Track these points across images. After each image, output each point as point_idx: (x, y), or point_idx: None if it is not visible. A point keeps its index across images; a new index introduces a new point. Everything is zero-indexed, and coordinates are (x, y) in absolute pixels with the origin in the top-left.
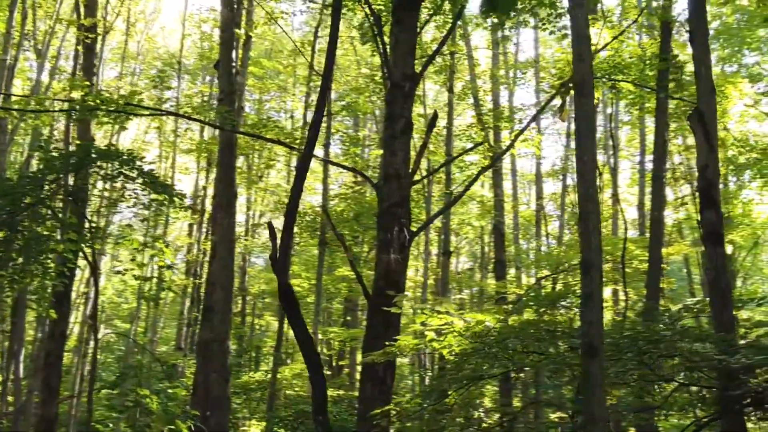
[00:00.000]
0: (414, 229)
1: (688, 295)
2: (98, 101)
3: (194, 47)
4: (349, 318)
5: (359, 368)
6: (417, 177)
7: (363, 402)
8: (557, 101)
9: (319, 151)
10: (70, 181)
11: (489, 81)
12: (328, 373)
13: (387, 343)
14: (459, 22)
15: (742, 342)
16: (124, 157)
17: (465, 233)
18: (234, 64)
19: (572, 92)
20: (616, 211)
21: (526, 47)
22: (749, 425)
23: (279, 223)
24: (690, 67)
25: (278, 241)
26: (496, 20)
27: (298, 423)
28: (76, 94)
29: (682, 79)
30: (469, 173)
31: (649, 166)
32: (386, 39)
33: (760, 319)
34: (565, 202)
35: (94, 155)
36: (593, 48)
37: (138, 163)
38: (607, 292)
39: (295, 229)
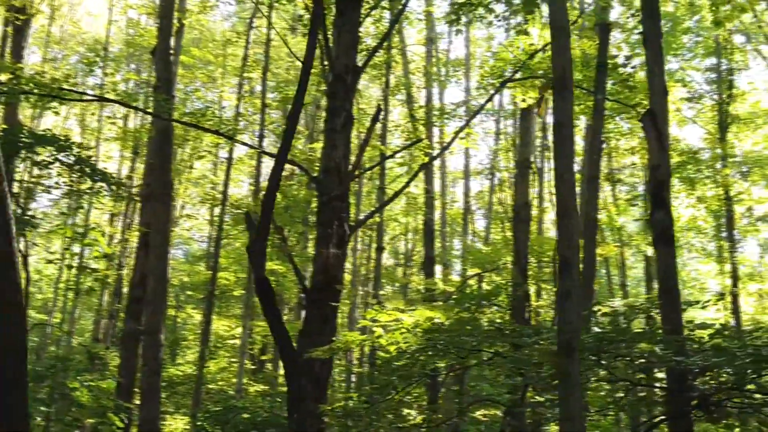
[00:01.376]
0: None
1: (608, 296)
2: (31, 84)
3: (119, 33)
4: None
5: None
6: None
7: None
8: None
9: (253, 142)
10: None
11: (423, 77)
12: (253, 367)
13: (334, 338)
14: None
15: (700, 343)
16: (62, 143)
17: (391, 229)
18: (172, 51)
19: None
20: (541, 212)
21: (455, 46)
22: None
23: (197, 213)
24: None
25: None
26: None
27: (229, 417)
28: (4, 77)
29: (631, 81)
30: (399, 171)
31: (576, 168)
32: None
33: (703, 320)
34: (492, 201)
35: (28, 140)
36: (532, 48)
37: (75, 149)
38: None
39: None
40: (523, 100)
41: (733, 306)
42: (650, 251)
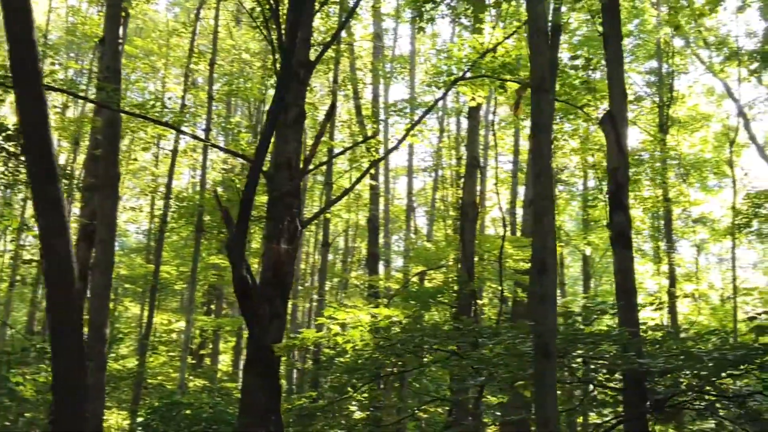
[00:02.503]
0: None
1: None
2: None
3: (58, 20)
4: (213, 306)
5: (222, 357)
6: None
7: (246, 393)
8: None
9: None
10: None
11: (369, 73)
12: (192, 362)
13: (292, 335)
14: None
15: (660, 343)
16: (9, 132)
17: (334, 224)
18: (120, 41)
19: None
20: (483, 210)
21: (399, 42)
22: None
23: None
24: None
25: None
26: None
27: (173, 414)
28: None
29: (592, 83)
30: (342, 167)
31: (522, 166)
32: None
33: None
34: (435, 198)
35: None
36: (484, 47)
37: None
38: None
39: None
40: (473, 99)
41: (670, 306)
42: (589, 251)
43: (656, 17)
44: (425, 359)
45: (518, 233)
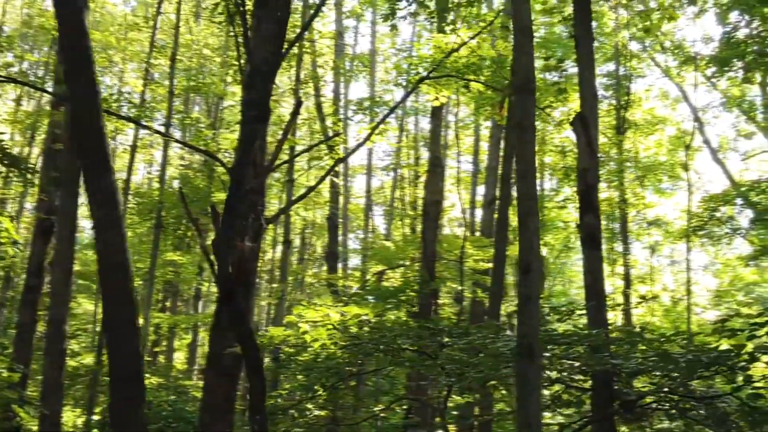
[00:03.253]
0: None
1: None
2: None
3: (13, 11)
4: (168, 303)
5: (176, 355)
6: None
7: (208, 392)
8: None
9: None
10: None
11: (330, 71)
12: (148, 359)
13: (259, 333)
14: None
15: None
16: None
17: (293, 222)
18: None
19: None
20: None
21: (359, 40)
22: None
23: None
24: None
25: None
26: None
27: None
28: None
29: (562, 84)
30: (301, 164)
31: (481, 167)
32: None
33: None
34: (394, 197)
35: None
36: (448, 47)
37: None
38: None
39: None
40: (436, 98)
41: (625, 307)
42: (545, 251)
43: (614, 20)
44: (392, 359)
45: (477, 233)
